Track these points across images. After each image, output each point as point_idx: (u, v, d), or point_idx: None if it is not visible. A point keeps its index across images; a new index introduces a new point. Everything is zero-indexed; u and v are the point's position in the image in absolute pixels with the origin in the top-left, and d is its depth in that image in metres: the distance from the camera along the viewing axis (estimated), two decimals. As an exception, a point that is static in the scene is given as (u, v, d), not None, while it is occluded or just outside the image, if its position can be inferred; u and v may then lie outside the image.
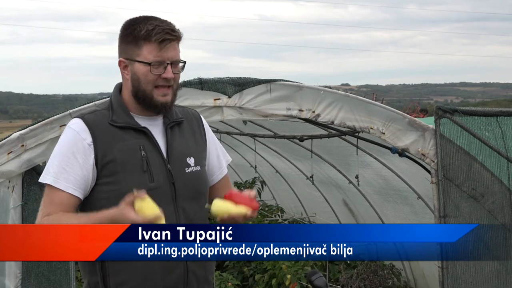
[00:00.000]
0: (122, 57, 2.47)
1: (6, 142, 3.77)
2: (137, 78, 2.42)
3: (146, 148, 2.42)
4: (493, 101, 52.96)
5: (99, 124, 2.42)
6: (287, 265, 6.47)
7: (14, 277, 3.84)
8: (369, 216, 7.84)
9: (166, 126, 2.51)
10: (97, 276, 2.39)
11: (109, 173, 2.38)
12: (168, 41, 2.39)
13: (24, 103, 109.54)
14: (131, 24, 2.44)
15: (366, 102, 4.36)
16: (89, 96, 66.43)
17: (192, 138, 2.58)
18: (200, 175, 2.54)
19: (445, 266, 4.29)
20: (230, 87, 4.20)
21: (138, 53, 2.40)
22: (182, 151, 2.50)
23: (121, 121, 2.44)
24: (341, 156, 7.21)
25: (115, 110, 2.46)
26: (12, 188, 3.82)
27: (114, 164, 2.38)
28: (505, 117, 4.44)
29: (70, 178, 2.36)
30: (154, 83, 2.41)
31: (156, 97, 2.42)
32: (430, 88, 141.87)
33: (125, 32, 2.45)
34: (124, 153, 2.39)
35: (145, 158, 2.41)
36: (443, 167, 4.30)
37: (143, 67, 2.40)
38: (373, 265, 6.93)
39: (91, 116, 2.44)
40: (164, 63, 2.40)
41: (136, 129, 2.44)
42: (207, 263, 2.53)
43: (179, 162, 2.48)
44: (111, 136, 2.40)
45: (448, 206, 4.30)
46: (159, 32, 2.37)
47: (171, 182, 2.44)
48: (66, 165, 2.37)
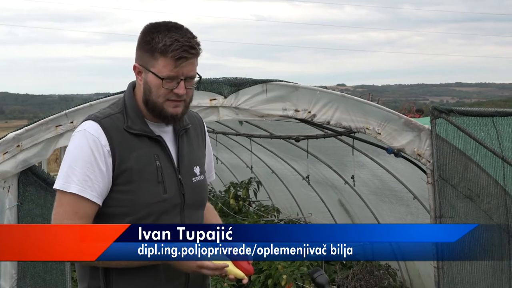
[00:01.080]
0: (137, 63, 2.40)
1: (2, 142, 3.77)
2: (149, 88, 2.36)
3: (160, 158, 2.40)
4: (489, 102, 53.04)
5: (116, 130, 2.36)
6: (283, 265, 6.48)
7: (9, 277, 3.83)
8: (365, 216, 7.85)
9: (177, 134, 2.47)
10: (99, 281, 2.36)
11: (124, 182, 2.34)
12: (184, 59, 2.31)
13: (20, 103, 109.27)
14: (151, 31, 2.36)
15: (362, 103, 4.37)
16: (85, 96, 66.31)
17: (197, 145, 2.57)
18: (204, 184, 2.55)
19: (441, 266, 4.29)
20: (226, 87, 4.20)
21: (153, 64, 2.33)
22: (190, 160, 2.49)
23: (136, 128, 2.39)
24: (337, 156, 7.21)
25: (129, 115, 2.40)
26: (8, 188, 3.81)
27: (129, 172, 2.34)
28: (501, 118, 4.45)
29: (95, 187, 2.31)
30: (165, 96, 2.35)
31: (167, 108, 2.37)
32: (426, 89, 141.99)
33: (143, 39, 2.37)
34: (140, 163, 2.36)
35: (160, 168, 2.38)
36: (439, 167, 4.30)
37: (155, 79, 2.34)
38: (369, 265, 6.94)
39: (107, 121, 2.38)
40: (177, 78, 2.33)
41: (150, 137, 2.40)
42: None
43: (188, 172, 2.47)
44: (127, 143, 2.36)
45: (444, 206, 4.31)
46: (176, 49, 2.29)
47: (181, 192, 2.43)
48: (91, 173, 2.31)
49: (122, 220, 2.33)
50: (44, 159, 4.16)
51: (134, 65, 2.42)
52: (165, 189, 2.38)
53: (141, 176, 2.35)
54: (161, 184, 2.37)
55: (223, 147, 10.43)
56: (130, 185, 2.34)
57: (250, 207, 10.13)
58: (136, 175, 2.34)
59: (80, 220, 2.29)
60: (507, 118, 4.46)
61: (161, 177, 2.38)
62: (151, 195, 2.35)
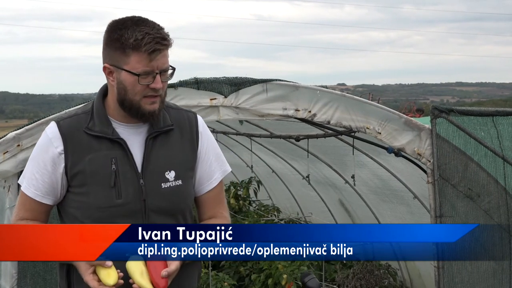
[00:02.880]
0: (107, 63, 2.30)
1: (2, 142, 3.77)
2: (123, 87, 2.28)
3: (118, 161, 2.31)
4: (489, 101, 53.04)
5: (74, 131, 2.32)
6: (283, 264, 6.47)
7: (10, 277, 3.83)
8: (365, 216, 7.85)
9: (147, 137, 2.36)
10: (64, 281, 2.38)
11: (78, 184, 2.32)
12: (158, 51, 2.24)
13: (20, 102, 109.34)
14: (118, 28, 2.26)
15: (362, 102, 4.37)
16: (85, 96, 66.33)
17: (180, 148, 2.42)
18: (179, 190, 2.39)
19: (441, 265, 4.29)
20: (226, 87, 4.20)
21: (125, 61, 2.24)
22: (160, 165, 2.36)
23: (96, 129, 2.33)
24: (337, 156, 7.21)
25: (94, 116, 2.35)
26: (8, 188, 3.82)
27: (83, 175, 2.31)
28: (501, 117, 4.45)
29: (39, 186, 2.34)
30: (142, 93, 2.27)
31: (144, 105, 2.29)
32: (426, 88, 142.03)
33: (111, 37, 2.28)
34: (94, 165, 2.30)
35: (115, 171, 2.30)
36: (439, 167, 4.30)
37: (130, 77, 2.25)
38: (369, 264, 6.94)
39: (67, 122, 2.35)
40: (153, 72, 2.26)
41: (111, 139, 2.33)
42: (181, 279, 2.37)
43: (154, 177, 2.35)
44: (83, 145, 2.31)
45: (444, 205, 4.31)
46: (149, 42, 2.22)
47: (141, 199, 2.33)
48: (37, 172, 2.35)
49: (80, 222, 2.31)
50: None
51: (104, 66, 2.31)
52: (119, 194, 2.30)
53: (94, 179, 2.30)
54: (114, 189, 2.30)
55: (223, 146, 10.43)
56: (83, 188, 2.31)
57: (251, 206, 10.13)
58: (90, 178, 2.30)
59: (26, 212, 2.36)
60: (507, 117, 4.46)
61: (115, 181, 2.30)
62: (103, 199, 2.29)
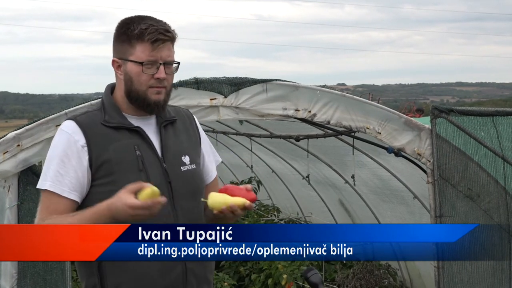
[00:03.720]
0: (115, 57, 2.45)
1: (2, 142, 3.77)
2: (129, 78, 2.40)
3: (140, 148, 2.40)
4: (489, 101, 53.05)
5: (92, 125, 2.39)
6: (283, 264, 6.47)
7: (10, 277, 3.83)
8: (365, 216, 7.85)
9: (160, 125, 2.49)
10: (94, 278, 2.37)
11: (105, 174, 2.36)
12: (161, 41, 2.37)
13: (20, 102, 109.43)
14: (125, 23, 2.42)
15: (362, 102, 4.37)
16: (85, 95, 66.35)
17: (186, 137, 2.57)
18: (195, 173, 2.53)
19: (441, 265, 4.29)
20: (226, 87, 4.20)
21: (131, 52, 2.39)
22: (177, 150, 2.49)
23: (114, 121, 2.42)
24: (337, 156, 7.21)
25: (107, 111, 2.44)
26: (8, 188, 3.82)
27: (109, 164, 2.36)
28: (501, 117, 4.45)
29: (66, 182, 2.35)
30: (147, 83, 2.39)
31: (150, 95, 2.40)
32: (426, 88, 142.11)
33: (119, 32, 2.44)
34: (119, 153, 2.37)
35: (140, 157, 2.39)
36: (439, 167, 4.30)
37: (135, 67, 2.38)
38: (369, 264, 6.94)
39: (83, 117, 2.42)
40: (156, 63, 2.38)
41: (129, 129, 2.42)
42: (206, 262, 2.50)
43: (174, 161, 2.46)
44: (104, 136, 2.38)
45: (444, 205, 4.31)
46: (152, 32, 2.35)
47: (167, 181, 2.42)
48: (61, 168, 2.35)
49: None
50: (44, 158, 4.15)
51: (112, 60, 2.46)
52: (148, 177, 2.36)
53: (121, 166, 2.36)
54: (142, 172, 2.37)
55: (223, 146, 10.43)
56: (111, 177, 2.35)
57: (250, 206, 10.11)
58: (116, 165, 2.35)
59: (49, 214, 2.34)
60: (507, 117, 4.46)
61: (142, 165, 2.38)
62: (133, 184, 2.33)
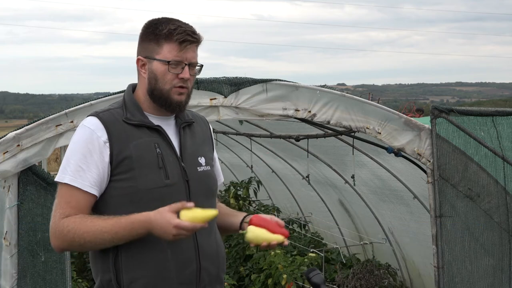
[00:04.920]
0: (141, 55, 2.50)
1: (2, 141, 3.76)
2: (154, 76, 2.46)
3: (160, 146, 2.45)
4: (489, 101, 53.05)
5: (114, 122, 2.44)
6: (283, 264, 6.47)
7: (10, 277, 3.83)
8: (365, 216, 7.85)
9: (179, 125, 2.55)
10: (110, 273, 2.39)
11: (125, 170, 2.39)
12: (188, 42, 2.44)
13: (20, 102, 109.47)
14: (153, 23, 2.48)
15: (362, 102, 4.36)
16: (85, 95, 66.36)
17: (202, 140, 2.64)
18: (210, 174, 2.59)
19: (441, 265, 4.29)
20: (226, 87, 4.20)
21: (158, 51, 2.45)
22: (194, 150, 2.55)
23: (135, 119, 2.47)
24: (337, 156, 7.21)
25: (128, 109, 2.49)
26: (8, 188, 3.81)
27: (129, 160, 2.39)
28: (501, 117, 4.44)
29: (87, 176, 2.37)
30: (171, 82, 2.45)
31: (172, 95, 2.46)
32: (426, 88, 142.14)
33: (146, 31, 2.49)
34: (139, 150, 2.41)
35: (160, 155, 2.43)
36: (439, 167, 4.30)
37: (161, 66, 2.44)
38: (369, 264, 6.94)
39: (106, 114, 2.46)
40: (182, 63, 2.45)
41: (150, 127, 2.48)
42: (220, 260, 2.56)
43: (192, 161, 2.52)
44: (126, 133, 2.43)
45: (444, 205, 4.30)
46: (180, 33, 2.42)
47: (185, 179, 2.47)
48: (83, 163, 2.38)
49: (126, 208, 2.36)
50: (44, 158, 4.15)
51: (137, 58, 2.51)
52: (167, 175, 2.41)
53: (141, 163, 2.39)
54: (162, 170, 2.41)
55: (223, 146, 10.43)
56: (131, 173, 2.39)
57: (250, 206, 10.13)
58: (136, 162, 2.39)
59: (72, 209, 2.36)
60: (507, 117, 4.46)
61: (162, 163, 2.42)
62: (152, 180, 2.39)
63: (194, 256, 2.42)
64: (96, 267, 2.46)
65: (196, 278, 2.44)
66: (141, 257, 2.33)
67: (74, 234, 2.32)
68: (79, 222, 2.32)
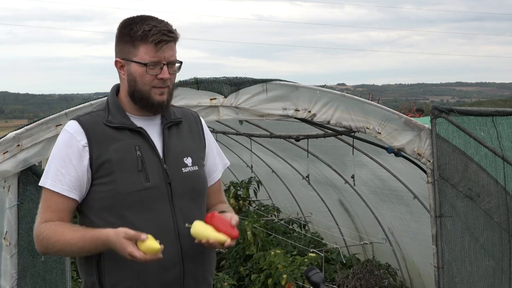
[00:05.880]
0: (118, 57, 2.47)
1: (2, 141, 3.76)
2: (133, 78, 2.42)
3: (141, 148, 2.42)
4: (489, 101, 53.06)
5: (94, 125, 2.42)
6: (283, 264, 6.47)
7: (10, 277, 3.83)
8: (365, 216, 7.85)
9: (164, 126, 2.51)
10: (93, 276, 2.40)
11: (105, 173, 2.38)
12: (164, 42, 2.39)
13: (20, 102, 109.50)
14: (128, 24, 2.43)
15: (362, 102, 4.36)
16: (85, 95, 66.36)
17: (190, 138, 2.59)
18: (197, 175, 2.54)
19: (441, 265, 4.29)
20: (226, 87, 4.19)
21: (134, 53, 2.40)
22: (179, 151, 2.51)
23: (116, 121, 2.44)
24: (337, 156, 7.21)
25: (111, 111, 2.46)
26: (8, 188, 3.81)
27: (109, 164, 2.38)
28: (501, 117, 4.44)
29: (66, 181, 2.37)
30: (150, 83, 2.41)
31: (153, 96, 2.42)
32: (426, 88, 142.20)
33: (122, 32, 2.45)
34: (119, 153, 2.39)
35: (141, 157, 2.40)
36: (439, 167, 4.30)
37: (139, 68, 2.40)
38: (369, 264, 6.93)
39: (86, 118, 2.44)
40: (160, 63, 2.40)
41: (131, 129, 2.44)
42: (205, 262, 2.53)
43: (175, 162, 2.48)
44: (106, 136, 2.40)
45: (444, 205, 4.30)
46: (156, 33, 2.37)
47: (167, 182, 2.44)
48: (62, 167, 2.38)
49: (109, 211, 2.37)
50: (44, 158, 4.14)
51: (115, 60, 2.48)
52: (147, 178, 2.39)
53: (121, 166, 2.38)
54: (142, 173, 2.39)
55: (223, 146, 10.43)
56: (111, 176, 2.37)
57: (250, 206, 10.14)
58: (116, 165, 2.38)
59: (52, 214, 2.39)
60: (507, 117, 4.46)
61: (142, 166, 2.40)
62: (132, 184, 2.37)
63: (178, 260, 2.41)
64: (81, 269, 2.47)
65: (180, 281, 2.43)
66: (124, 261, 2.31)
67: (48, 242, 2.36)
68: (53, 230, 2.35)
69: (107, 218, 2.37)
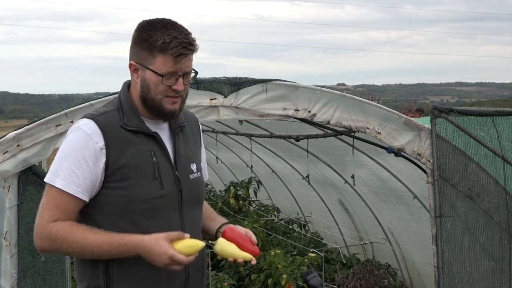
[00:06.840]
0: (133, 60, 2.40)
1: (2, 142, 3.76)
2: (147, 86, 2.37)
3: (156, 154, 2.40)
4: (489, 101, 53.06)
5: (111, 127, 2.37)
6: (283, 264, 6.47)
7: (10, 277, 3.83)
8: (365, 216, 7.85)
9: (173, 131, 2.49)
10: (99, 280, 2.37)
11: (120, 178, 2.34)
12: (184, 55, 2.34)
13: (20, 102, 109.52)
14: (147, 28, 2.35)
15: (362, 102, 4.36)
16: (85, 96, 66.38)
17: (193, 143, 2.59)
18: (201, 181, 2.56)
19: (441, 265, 4.29)
20: (226, 87, 4.19)
21: (151, 62, 2.34)
22: (187, 157, 2.50)
23: (132, 125, 2.40)
24: (337, 156, 7.21)
25: (125, 112, 2.42)
26: (8, 188, 3.81)
27: (126, 169, 2.34)
28: (501, 117, 4.44)
29: (80, 182, 2.32)
30: (164, 93, 2.37)
31: (165, 105, 2.38)
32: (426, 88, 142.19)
33: (140, 37, 2.37)
34: (136, 159, 2.36)
35: (157, 165, 2.38)
36: (439, 167, 4.30)
37: (154, 77, 2.35)
38: (369, 264, 6.93)
39: (103, 118, 2.38)
40: (176, 74, 2.35)
41: (146, 133, 2.42)
42: (204, 267, 2.57)
43: (185, 169, 2.48)
44: (123, 140, 2.36)
45: (444, 205, 4.30)
46: (176, 46, 2.31)
47: (178, 189, 2.43)
48: (77, 168, 2.32)
49: (120, 216, 2.35)
50: (44, 158, 4.15)
51: (130, 63, 2.41)
52: (162, 186, 2.38)
53: (138, 172, 2.35)
54: (158, 180, 2.37)
55: (223, 146, 10.43)
56: (126, 182, 2.34)
57: (250, 206, 10.14)
58: (133, 171, 2.34)
59: (61, 213, 2.32)
60: (507, 117, 4.46)
61: (158, 173, 2.38)
62: (147, 191, 2.35)
63: (184, 267, 2.39)
64: (82, 271, 2.43)
65: (184, 286, 2.44)
66: (133, 268, 2.30)
67: (63, 242, 2.29)
68: (69, 230, 2.29)
69: (117, 223, 2.34)
